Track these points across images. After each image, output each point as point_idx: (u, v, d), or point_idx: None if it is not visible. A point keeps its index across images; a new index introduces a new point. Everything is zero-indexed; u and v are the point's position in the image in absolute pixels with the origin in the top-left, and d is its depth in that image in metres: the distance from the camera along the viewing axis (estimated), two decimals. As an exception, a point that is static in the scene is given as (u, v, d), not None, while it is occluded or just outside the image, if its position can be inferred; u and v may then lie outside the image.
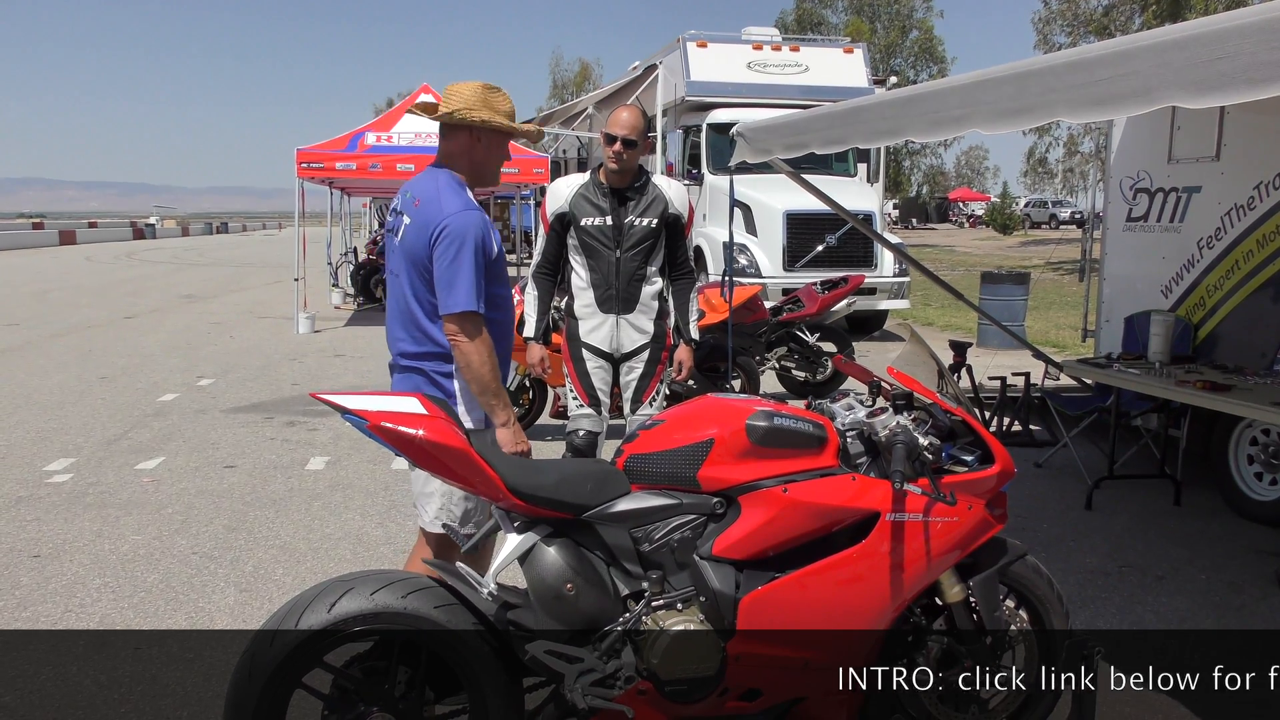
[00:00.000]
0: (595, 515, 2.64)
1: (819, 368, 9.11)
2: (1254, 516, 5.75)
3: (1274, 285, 5.98)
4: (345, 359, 11.27)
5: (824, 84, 13.97)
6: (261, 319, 14.99)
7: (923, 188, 61.28)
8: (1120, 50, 3.06)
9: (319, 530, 5.30)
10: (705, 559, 2.63)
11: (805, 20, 46.64)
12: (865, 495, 2.65)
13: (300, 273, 13.77)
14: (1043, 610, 3.01)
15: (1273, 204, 5.94)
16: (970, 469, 2.78)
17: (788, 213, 12.69)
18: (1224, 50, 2.67)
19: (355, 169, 13.27)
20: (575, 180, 4.56)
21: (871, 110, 4.58)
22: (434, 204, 3.07)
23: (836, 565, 2.62)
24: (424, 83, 14.26)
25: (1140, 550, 5.24)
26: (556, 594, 2.56)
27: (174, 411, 8.22)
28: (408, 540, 5.15)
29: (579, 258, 4.54)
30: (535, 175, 13.84)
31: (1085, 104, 3.20)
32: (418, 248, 3.06)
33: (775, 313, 8.97)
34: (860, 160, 14.55)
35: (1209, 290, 6.42)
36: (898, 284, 13.41)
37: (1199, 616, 4.42)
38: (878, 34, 45.38)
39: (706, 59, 13.97)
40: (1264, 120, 5.86)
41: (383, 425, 2.48)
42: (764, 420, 2.64)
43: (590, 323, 4.57)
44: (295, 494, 5.95)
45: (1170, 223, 6.70)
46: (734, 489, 2.64)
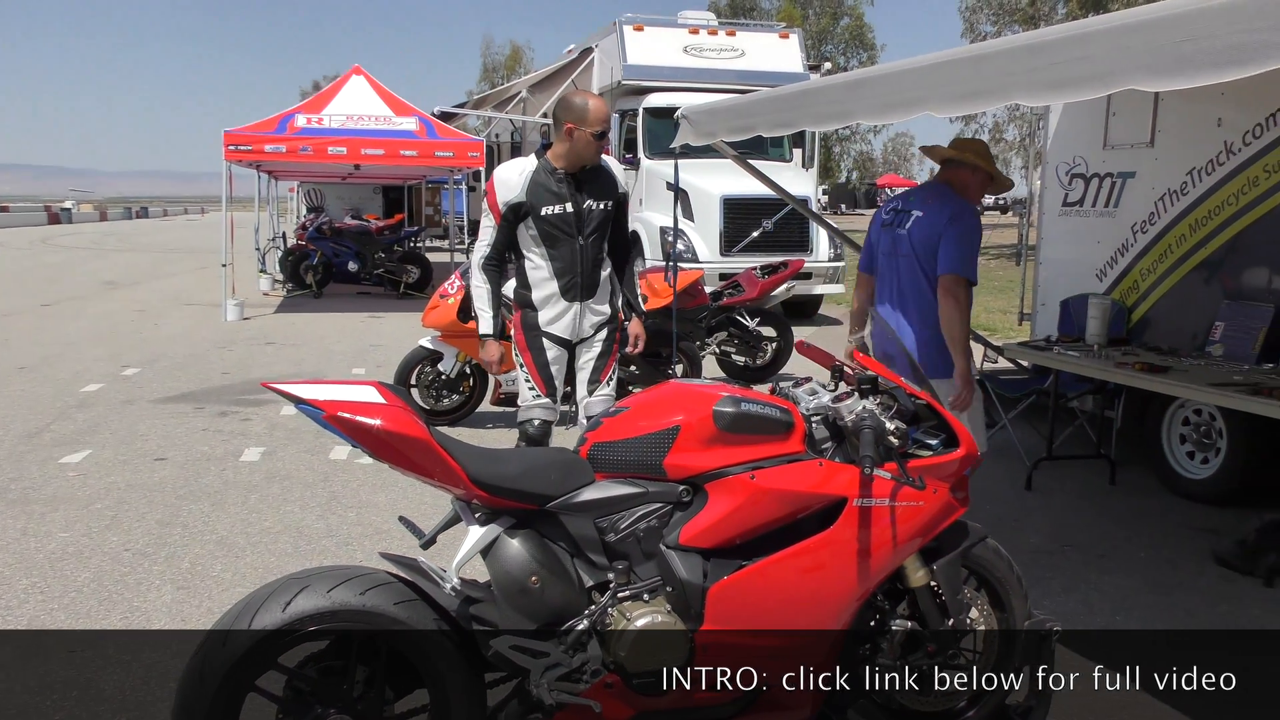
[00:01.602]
0: (560, 505, 2.58)
1: (759, 352, 9.13)
2: (1187, 494, 5.89)
3: (1205, 269, 6.11)
4: (277, 346, 11.00)
5: (760, 69, 13.99)
6: (188, 306, 14.58)
7: (852, 173, 61.92)
8: (1078, 34, 3.07)
9: (257, 524, 5.15)
10: (672, 548, 2.58)
11: (739, 5, 46.71)
12: (832, 480, 2.63)
13: (228, 258, 13.41)
14: (1003, 592, 3.02)
15: (1205, 189, 6.06)
16: (935, 453, 2.77)
17: (724, 197, 12.70)
18: (1184, 33, 2.68)
19: (285, 152, 12.93)
20: (524, 166, 4.35)
21: (821, 93, 4.56)
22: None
23: (805, 552, 2.59)
24: (355, 64, 13.98)
25: (1080, 529, 5.34)
26: (521, 587, 2.49)
27: (99, 402, 7.93)
28: (350, 532, 5.04)
29: (537, 247, 4.36)
30: (470, 159, 13.64)
31: (1042, 87, 3.21)
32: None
33: (716, 298, 8.95)
34: (795, 146, 14.62)
35: (1143, 274, 6.54)
36: (833, 268, 13.52)
37: (1140, 594, 4.50)
38: (809, 20, 45.67)
39: (643, 42, 13.91)
40: (1197, 108, 5.97)
41: (339, 415, 2.38)
42: (731, 406, 2.60)
43: (551, 311, 4.43)
44: (231, 486, 5.77)
45: (1105, 208, 6.80)
46: (701, 476, 2.60)
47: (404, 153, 13.24)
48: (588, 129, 4.21)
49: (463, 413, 7.30)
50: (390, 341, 11.09)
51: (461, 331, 6.95)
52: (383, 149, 13.09)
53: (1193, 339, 6.13)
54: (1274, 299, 5.65)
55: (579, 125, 4.21)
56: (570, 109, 4.24)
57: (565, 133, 4.23)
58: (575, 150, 4.27)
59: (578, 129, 4.21)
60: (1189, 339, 6.16)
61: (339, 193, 23.55)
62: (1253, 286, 5.81)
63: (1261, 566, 4.63)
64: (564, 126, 4.23)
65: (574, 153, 4.27)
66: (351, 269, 16.18)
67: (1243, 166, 5.82)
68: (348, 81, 13.69)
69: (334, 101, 13.35)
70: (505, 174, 4.35)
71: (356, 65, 13.93)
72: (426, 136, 13.39)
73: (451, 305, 6.90)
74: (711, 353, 9.00)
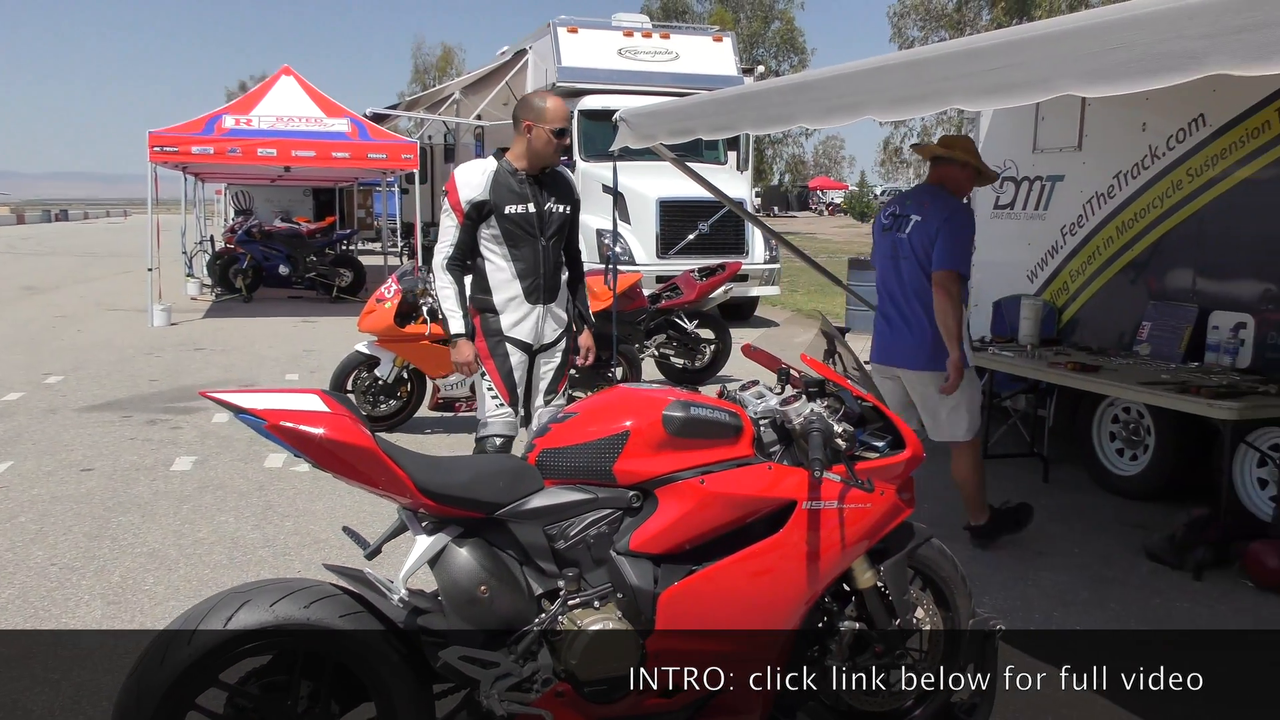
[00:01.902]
0: (508, 513, 2.54)
1: (698, 355, 9.15)
2: (1117, 490, 6.03)
3: (1132, 270, 6.27)
4: (206, 352, 10.75)
5: (694, 71, 14.03)
6: (112, 311, 14.17)
7: (784, 176, 62.42)
8: (1016, 39, 3.11)
9: (190, 535, 5.02)
10: (622, 554, 2.56)
11: (670, 8, 46.84)
12: (782, 484, 2.63)
13: (154, 262, 13.08)
14: (948, 592, 3.05)
15: (1131, 193, 6.22)
16: (882, 454, 2.79)
17: (661, 200, 12.73)
18: (1119, 40, 2.73)
19: (213, 153, 12.66)
20: (485, 166, 4.31)
21: (763, 97, 4.58)
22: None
23: (755, 555, 2.59)
24: (283, 64, 13.74)
25: (1017, 527, 5.42)
26: (470, 597, 2.45)
27: (20, 412, 7.67)
28: (287, 542, 4.93)
29: (498, 248, 4.30)
30: (404, 161, 13.48)
31: (980, 92, 3.25)
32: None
33: (654, 300, 8.95)
34: (730, 149, 14.69)
35: (1072, 275, 6.69)
36: (769, 270, 13.61)
37: (1076, 589, 4.59)
38: (741, 24, 45.92)
39: (577, 45, 13.86)
40: (1123, 112, 6.13)
41: (282, 425, 2.31)
42: (680, 411, 2.59)
43: (514, 315, 4.36)
44: (161, 497, 5.62)
45: (1035, 210, 6.95)
46: (651, 482, 2.58)
47: (336, 155, 13.05)
48: (545, 125, 4.19)
49: (400, 418, 7.20)
50: (324, 346, 10.91)
51: (399, 336, 6.87)
52: (314, 151, 12.89)
53: (1120, 338, 6.28)
54: (1198, 299, 5.82)
55: (537, 122, 4.19)
56: (529, 107, 4.25)
57: (524, 129, 4.22)
58: (534, 149, 4.25)
59: (536, 126, 4.20)
60: (1117, 338, 6.31)
61: (268, 195, 23.13)
62: (1177, 287, 5.98)
63: (1190, 561, 4.75)
64: (522, 124, 4.22)
65: (533, 152, 4.25)
66: (282, 273, 15.90)
67: (1167, 170, 5.98)
68: (277, 82, 13.46)
69: (263, 102, 13.12)
70: (467, 173, 4.30)
71: (286, 65, 13.71)
72: (359, 138, 13.22)
73: (388, 309, 6.81)
74: (650, 355, 9.00)
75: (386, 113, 19.73)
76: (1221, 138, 5.63)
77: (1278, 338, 5.38)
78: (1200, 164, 5.77)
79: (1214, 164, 5.69)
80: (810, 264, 7.11)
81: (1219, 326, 5.63)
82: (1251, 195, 5.51)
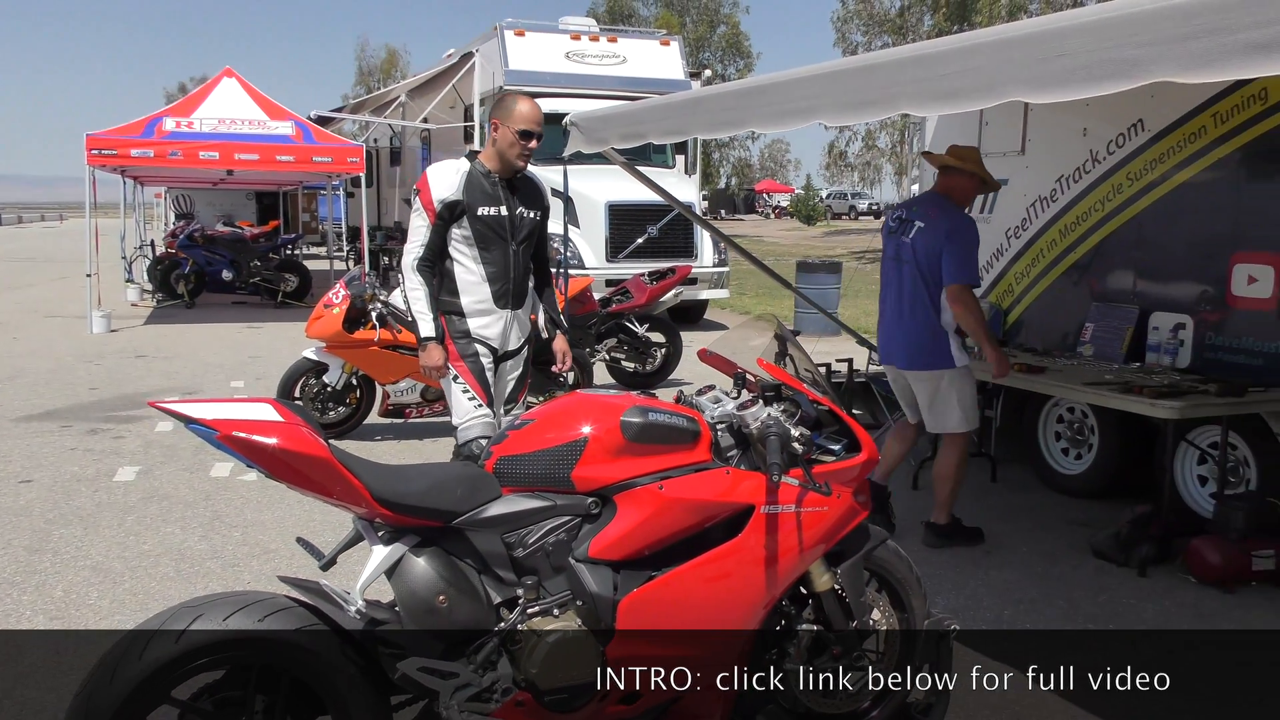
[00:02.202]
0: (466, 521, 2.52)
1: (649, 358, 9.17)
2: (1062, 489, 6.14)
3: (1075, 272, 6.39)
4: (148, 359, 10.53)
5: (642, 75, 14.06)
6: (49, 318, 13.82)
7: (731, 179, 62.80)
8: (965, 46, 3.16)
9: (135, 547, 4.91)
10: (581, 561, 2.55)
11: (617, 12, 46.88)
12: (739, 488, 2.64)
13: (93, 268, 12.79)
14: (904, 593, 3.08)
15: (1073, 196, 6.34)
16: (838, 457, 2.81)
17: (610, 204, 12.74)
18: (1065, 48, 2.78)
19: (153, 156, 12.39)
20: (459, 166, 4.26)
21: (713, 101, 4.60)
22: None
23: (714, 560, 2.59)
24: (225, 66, 13.53)
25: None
26: (428, 607, 2.43)
27: (-47, 422, 7.46)
28: (234, 553, 4.85)
29: (469, 250, 4.24)
30: (350, 165, 13.32)
31: (930, 97, 3.29)
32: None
33: (604, 304, 8.96)
34: (678, 152, 14.74)
35: (1016, 278, 6.80)
36: (718, 274, 13.68)
37: (1025, 587, 4.66)
38: (687, 28, 46.08)
39: (525, 48, 13.82)
40: (1064, 118, 6.23)
41: (234, 435, 2.27)
42: (638, 416, 2.58)
43: (483, 319, 4.31)
44: (104, 508, 5.49)
45: (981, 213, 7.03)
46: (609, 488, 2.57)
47: (280, 158, 12.85)
48: (511, 126, 4.16)
49: (350, 425, 7.11)
50: (269, 353, 10.75)
51: (347, 342, 6.79)
52: (258, 154, 12.68)
53: (1064, 339, 6.40)
54: (1138, 301, 5.94)
55: (503, 122, 4.17)
56: (500, 106, 4.24)
57: (491, 128, 4.21)
58: (499, 149, 4.22)
59: (501, 125, 4.18)
60: (1061, 340, 6.43)
61: (209, 199, 22.74)
62: (1119, 289, 6.10)
63: (1135, 557, 4.85)
64: (491, 124, 4.21)
65: (499, 152, 4.23)
66: (226, 278, 15.65)
67: (1107, 174, 6.10)
68: (219, 84, 13.22)
69: (204, 104, 12.88)
70: (440, 172, 4.24)
71: (228, 67, 13.47)
72: (304, 141, 13.03)
73: (337, 315, 6.73)
74: (602, 359, 9.00)
75: (331, 116, 19.52)
76: (1160, 143, 5.76)
77: (1215, 338, 5.51)
78: (1139, 168, 5.90)
79: (1153, 168, 5.82)
80: (760, 267, 7.15)
81: (1159, 327, 5.76)
82: (1189, 198, 5.64)
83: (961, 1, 31.72)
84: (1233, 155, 5.38)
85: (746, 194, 64.16)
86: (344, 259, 20.52)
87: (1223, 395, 4.85)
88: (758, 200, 63.53)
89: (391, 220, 19.88)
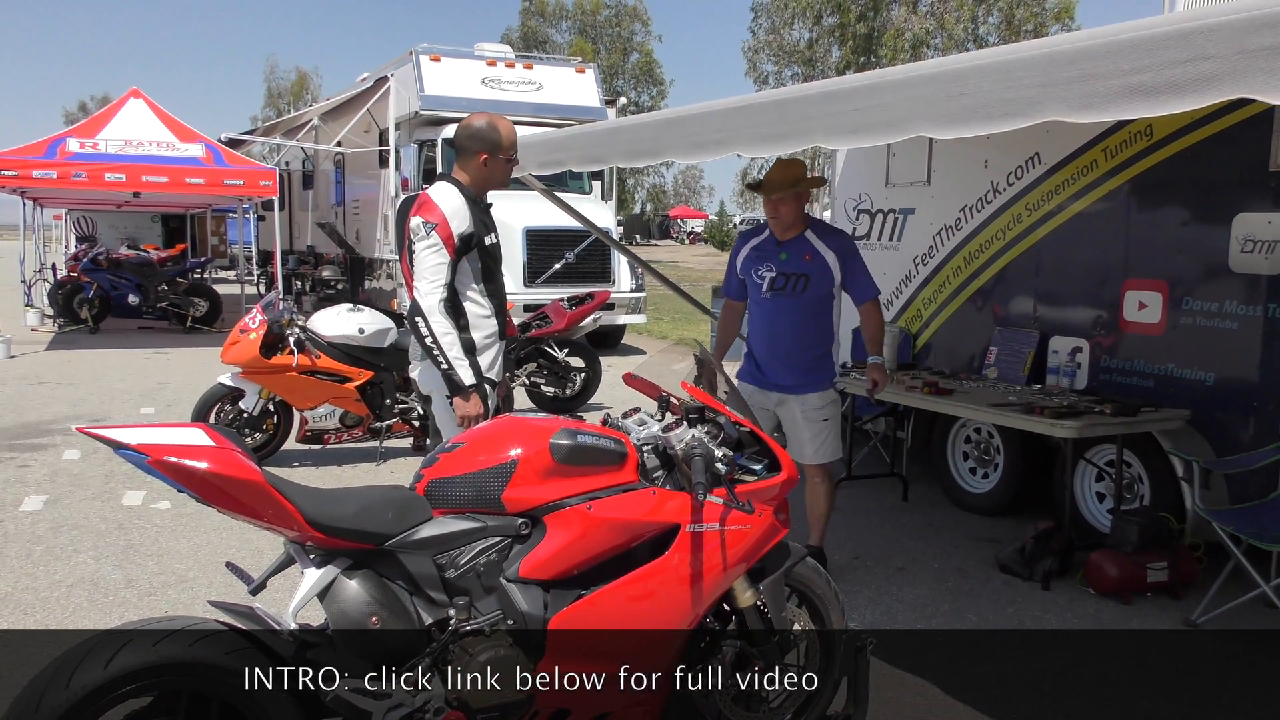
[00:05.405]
0: (397, 544, 2.56)
1: (568, 383, 9.22)
2: (970, 507, 6.36)
3: (979, 298, 6.65)
4: (51, 386, 10.22)
5: (558, 102, 14.17)
6: (-58, 345, 13.32)
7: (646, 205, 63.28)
8: (874, 83, 3.32)
9: (45, 578, 4.79)
10: (512, 581, 2.60)
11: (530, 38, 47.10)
12: (666, 508, 2.72)
13: (-10, 293, 12.39)
14: (822, 608, 3.20)
15: (976, 225, 6.61)
16: (760, 477, 2.92)
17: (527, 229, 12.79)
18: (966, 87, 2.96)
19: (56, 177, 12.09)
20: (459, 193, 3.92)
21: (632, 131, 4.71)
22: None
23: (641, 578, 2.67)
24: (129, 85, 13.27)
25: (880, 545, 5.67)
26: (361, 629, 2.46)
27: None
28: (150, 582, 4.76)
29: (477, 284, 3.97)
30: (263, 188, 13.16)
31: (841, 131, 3.45)
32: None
33: (524, 329, 8.99)
34: (594, 179, 14.88)
35: (924, 303, 7.05)
36: (635, 299, 13.82)
37: (937, 601, 4.83)
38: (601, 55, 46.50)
39: (440, 73, 13.83)
40: (967, 150, 6.51)
41: (166, 460, 2.27)
42: (567, 439, 2.66)
43: (490, 355, 4.02)
44: (11, 539, 5.33)
45: (890, 241, 7.29)
46: (539, 509, 2.64)
47: (190, 180, 12.65)
48: (503, 155, 3.97)
49: (267, 451, 7.01)
50: (179, 379, 10.52)
51: (265, 367, 6.71)
52: (166, 176, 12.47)
53: (970, 362, 6.65)
54: (1039, 325, 6.21)
55: (494, 154, 3.95)
56: (482, 139, 3.94)
57: (480, 163, 3.95)
58: (491, 177, 3.99)
59: (492, 157, 3.95)
60: (967, 362, 6.68)
61: (112, 221, 22.18)
62: (1020, 314, 6.37)
63: (1038, 571, 5.06)
64: (478, 156, 3.94)
65: (488, 180, 4.00)
66: (132, 302, 15.24)
67: (1008, 204, 6.39)
68: (125, 104, 12.98)
69: (110, 125, 12.64)
70: (450, 201, 3.87)
71: (134, 88, 13.22)
72: (215, 164, 12.85)
73: (254, 340, 6.65)
74: (521, 384, 9.02)
75: (243, 138, 19.20)
76: (1055, 175, 6.06)
77: (1110, 360, 5.79)
78: (1037, 199, 6.18)
79: (1049, 199, 6.11)
80: (677, 292, 7.29)
81: (1058, 350, 6.03)
82: (1083, 228, 5.94)
83: (868, 35, 32.66)
84: (1122, 187, 5.69)
85: (661, 220, 64.66)
86: (255, 283, 20.14)
87: (1117, 415, 5.10)
88: (672, 226, 64.07)
89: (304, 244, 19.62)
